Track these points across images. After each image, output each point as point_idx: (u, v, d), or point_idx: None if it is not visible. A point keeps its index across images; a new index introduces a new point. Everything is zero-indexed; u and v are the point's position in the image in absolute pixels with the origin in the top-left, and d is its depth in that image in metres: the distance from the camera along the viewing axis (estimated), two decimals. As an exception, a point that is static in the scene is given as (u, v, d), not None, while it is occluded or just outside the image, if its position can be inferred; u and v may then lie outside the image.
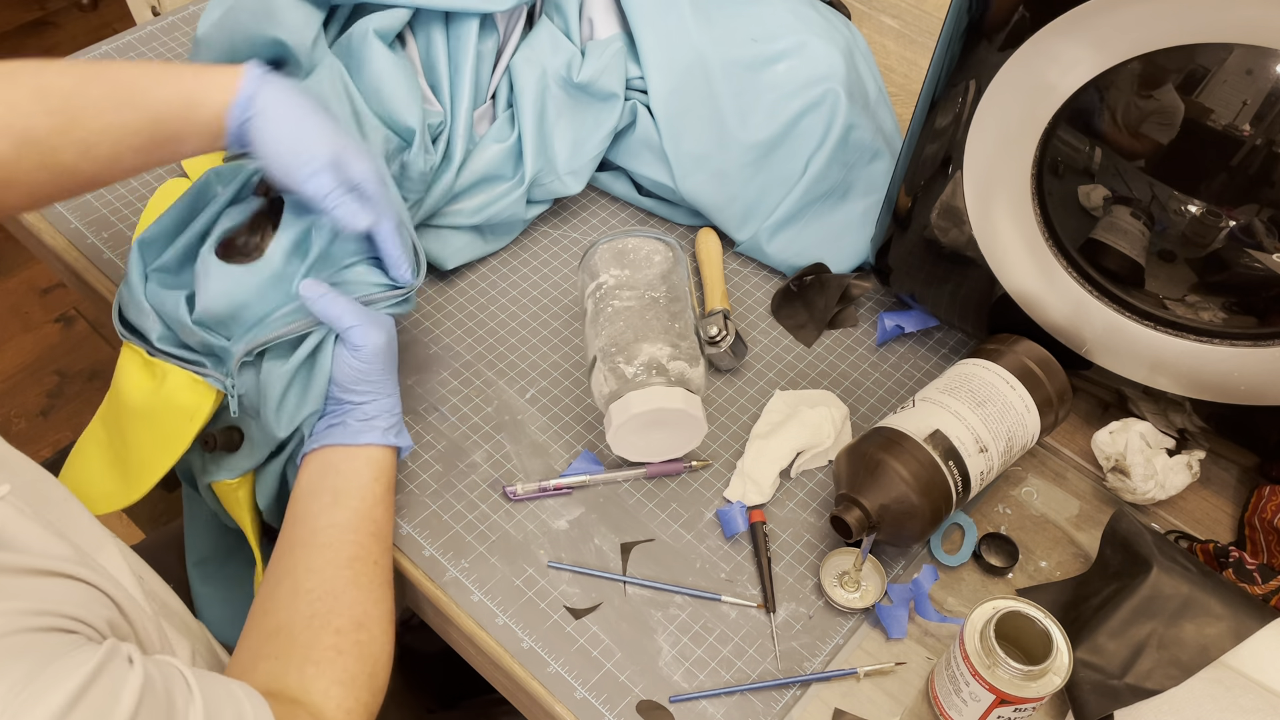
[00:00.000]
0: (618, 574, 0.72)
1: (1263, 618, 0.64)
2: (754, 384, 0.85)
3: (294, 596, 0.63)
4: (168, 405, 0.69)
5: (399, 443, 0.71)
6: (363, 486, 0.68)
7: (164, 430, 0.70)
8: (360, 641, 0.62)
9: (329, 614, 0.62)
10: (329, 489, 0.68)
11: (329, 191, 0.67)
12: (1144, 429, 0.76)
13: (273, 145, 0.67)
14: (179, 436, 0.69)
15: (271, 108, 0.67)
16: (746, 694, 0.67)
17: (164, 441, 0.70)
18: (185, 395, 0.69)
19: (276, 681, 0.59)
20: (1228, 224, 0.65)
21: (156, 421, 0.70)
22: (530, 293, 0.90)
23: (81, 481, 0.74)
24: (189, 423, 0.69)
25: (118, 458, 0.73)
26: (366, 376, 0.70)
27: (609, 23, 0.95)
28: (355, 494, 0.68)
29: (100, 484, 0.73)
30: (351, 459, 0.69)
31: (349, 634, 0.62)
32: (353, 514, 0.67)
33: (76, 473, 0.74)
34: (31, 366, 1.87)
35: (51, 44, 2.50)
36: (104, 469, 0.73)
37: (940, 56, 0.71)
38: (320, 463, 0.69)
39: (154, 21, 1.12)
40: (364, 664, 0.62)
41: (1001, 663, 0.60)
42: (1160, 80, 0.63)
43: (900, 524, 0.69)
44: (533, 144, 0.89)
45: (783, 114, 0.90)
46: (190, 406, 0.69)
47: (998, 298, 0.78)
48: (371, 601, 0.65)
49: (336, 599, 0.63)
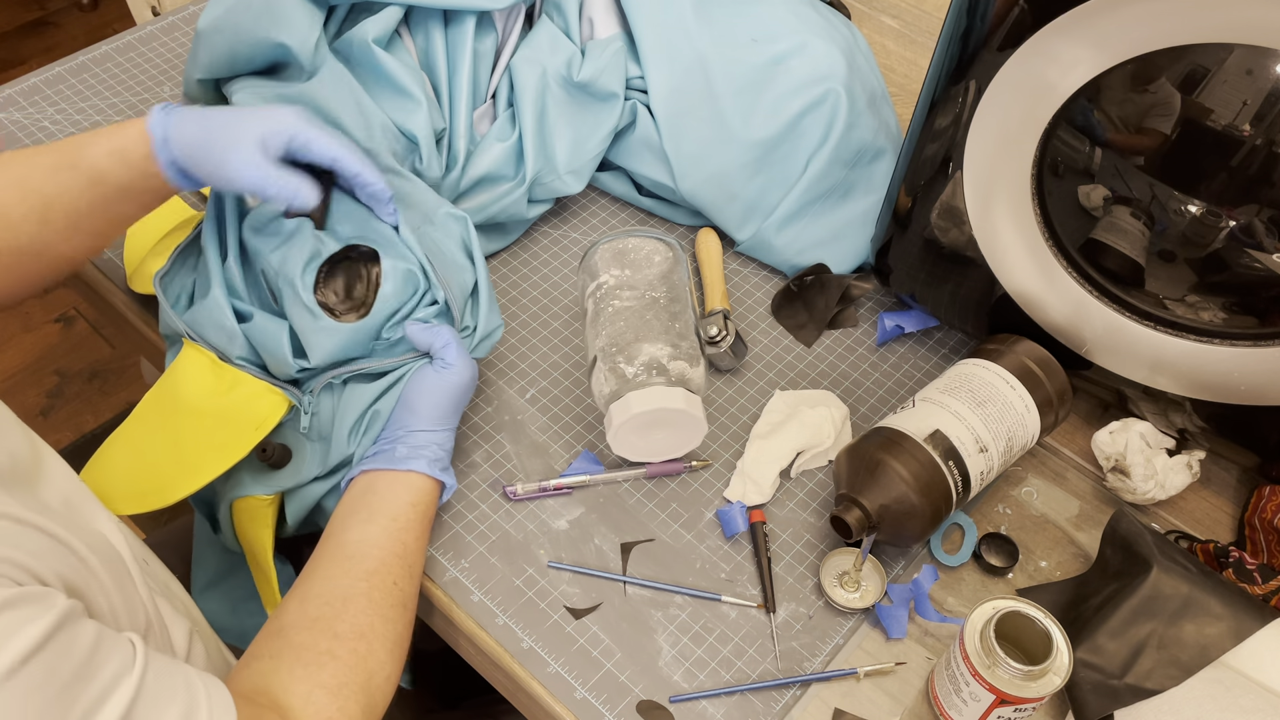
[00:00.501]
0: (618, 574, 0.72)
1: (1263, 618, 0.64)
2: (754, 384, 0.85)
3: (304, 601, 0.63)
4: (236, 411, 0.69)
5: (444, 478, 0.71)
6: (398, 508, 0.68)
7: (224, 434, 0.69)
8: (357, 651, 0.61)
9: (333, 618, 0.62)
10: (365, 506, 0.68)
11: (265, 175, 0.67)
12: (1144, 429, 0.76)
13: (203, 164, 0.68)
14: (240, 442, 0.69)
15: (178, 126, 0.68)
16: (746, 694, 0.67)
17: (223, 445, 0.69)
18: (257, 403, 0.69)
19: (264, 679, 0.58)
20: (1228, 224, 0.65)
21: (218, 425, 0.70)
22: (530, 293, 0.91)
23: (106, 481, 0.72)
24: (254, 431, 0.69)
25: (156, 459, 0.71)
26: (437, 403, 0.70)
27: (609, 22, 0.95)
28: (388, 514, 0.68)
29: (130, 484, 0.72)
30: (393, 483, 0.69)
31: (347, 640, 0.61)
32: (381, 531, 0.67)
33: (101, 472, 0.73)
34: (31, 366, 1.87)
35: (51, 44, 2.50)
36: (136, 469, 0.72)
37: (940, 56, 0.71)
38: (363, 485, 0.70)
39: (154, 21, 1.12)
40: (356, 674, 0.60)
41: (1001, 663, 0.60)
42: (1160, 80, 0.63)
43: (900, 524, 0.69)
44: (533, 144, 0.89)
45: (783, 114, 0.90)
46: (259, 416, 0.69)
47: (998, 298, 0.78)
48: (380, 618, 0.64)
49: (344, 605, 0.63)
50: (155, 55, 1.08)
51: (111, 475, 0.72)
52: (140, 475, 0.72)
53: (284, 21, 0.82)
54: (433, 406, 0.71)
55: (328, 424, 0.72)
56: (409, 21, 0.89)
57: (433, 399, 0.71)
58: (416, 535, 0.69)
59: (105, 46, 1.08)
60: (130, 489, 0.71)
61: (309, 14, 0.84)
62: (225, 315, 0.71)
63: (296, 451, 0.72)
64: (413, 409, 0.71)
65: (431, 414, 0.71)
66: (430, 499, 0.70)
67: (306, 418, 0.71)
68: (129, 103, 1.02)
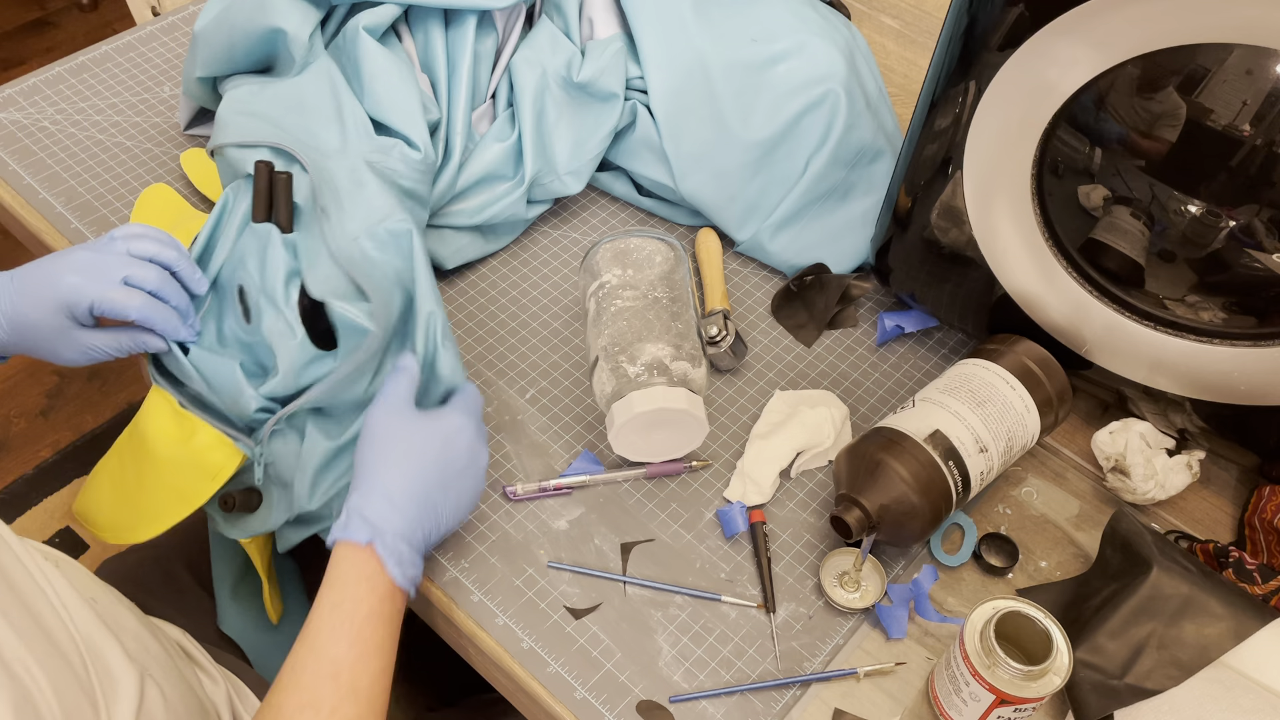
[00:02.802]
0: (618, 574, 0.72)
1: (1263, 618, 0.64)
2: (754, 384, 0.85)
3: None
4: (192, 460, 0.69)
5: (384, 556, 0.60)
6: (343, 601, 0.60)
7: (183, 483, 0.69)
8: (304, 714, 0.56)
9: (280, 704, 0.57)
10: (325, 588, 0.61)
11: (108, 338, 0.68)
12: (1144, 429, 0.76)
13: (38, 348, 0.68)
14: (197, 493, 0.68)
15: None
16: (746, 694, 0.67)
17: (181, 494, 0.69)
18: (212, 454, 0.69)
19: None
20: (1228, 224, 0.65)
21: (177, 472, 0.69)
22: (530, 293, 0.90)
23: (95, 509, 0.72)
24: (210, 482, 0.68)
25: (130, 494, 0.71)
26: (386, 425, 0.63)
27: (609, 22, 0.95)
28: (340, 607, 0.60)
29: (112, 514, 0.72)
30: (337, 559, 0.61)
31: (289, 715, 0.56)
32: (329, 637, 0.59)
33: (90, 500, 0.73)
34: (31, 366, 1.87)
35: (51, 44, 2.50)
36: (116, 501, 0.72)
37: (940, 56, 0.71)
38: None
39: (154, 21, 1.12)
40: None
41: (1001, 663, 0.60)
42: (1160, 80, 0.63)
43: (900, 524, 0.69)
44: (533, 144, 0.89)
45: (783, 114, 0.90)
46: (214, 467, 0.68)
47: (998, 298, 0.78)
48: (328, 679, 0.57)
49: None
50: (155, 55, 1.08)
51: (98, 504, 0.72)
52: (120, 508, 0.71)
53: (277, 12, 0.83)
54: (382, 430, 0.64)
55: (288, 471, 0.71)
56: (409, 21, 0.89)
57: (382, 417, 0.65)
58: (361, 646, 0.60)
59: (105, 46, 1.08)
60: (114, 520, 0.71)
61: (302, 9, 0.84)
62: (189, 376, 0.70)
63: (266, 498, 0.72)
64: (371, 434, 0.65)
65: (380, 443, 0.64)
66: (379, 597, 0.61)
67: (259, 469, 0.70)
68: (129, 103, 1.02)
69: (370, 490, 0.62)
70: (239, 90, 0.86)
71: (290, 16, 0.83)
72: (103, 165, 0.96)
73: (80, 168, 0.95)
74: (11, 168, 0.95)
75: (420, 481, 0.63)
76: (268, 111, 0.83)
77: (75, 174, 0.95)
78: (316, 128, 0.82)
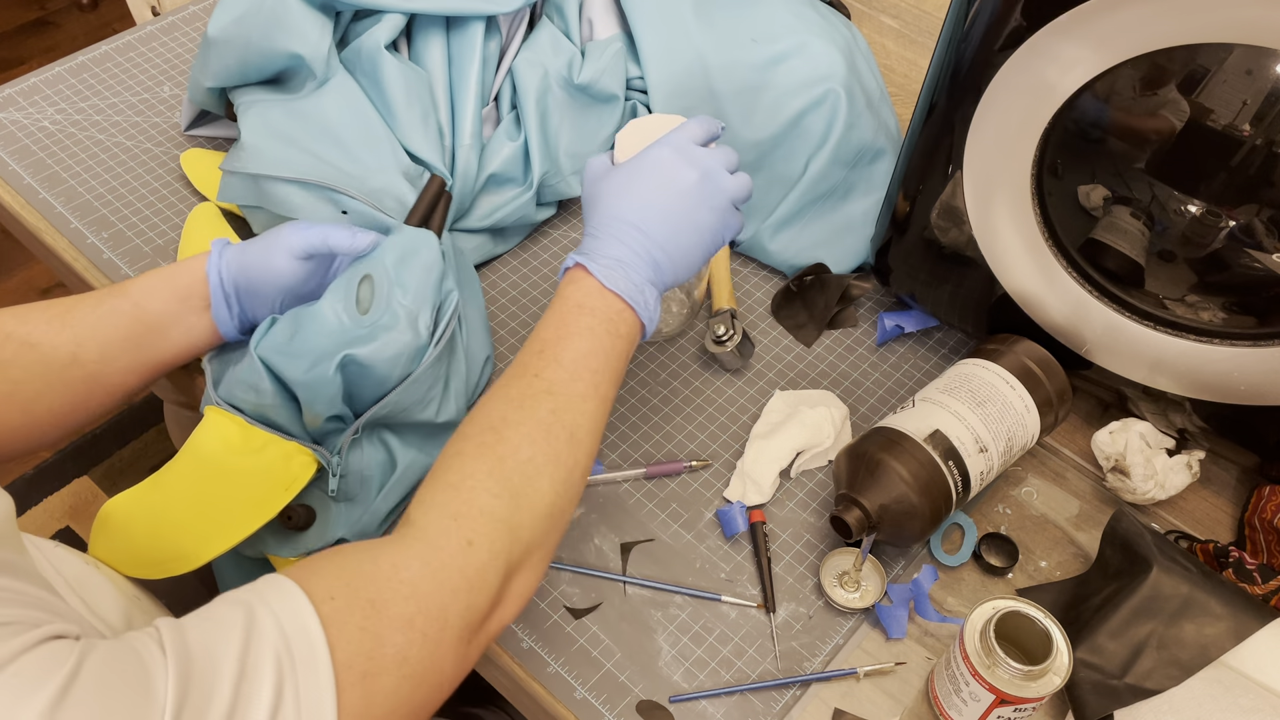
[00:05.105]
0: (618, 574, 0.72)
1: (1263, 618, 0.64)
2: (754, 384, 0.85)
3: None
4: (266, 470, 0.68)
5: None
6: None
7: (256, 493, 0.68)
8: (485, 443, 0.56)
9: (465, 423, 0.59)
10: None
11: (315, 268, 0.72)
12: (1144, 429, 0.76)
13: (258, 273, 0.72)
14: (271, 502, 0.68)
15: (236, 251, 0.72)
16: (746, 694, 0.67)
17: (255, 504, 0.68)
18: (288, 464, 0.69)
19: None
20: (1227, 224, 0.65)
21: (250, 483, 0.69)
22: (530, 293, 0.91)
23: (119, 548, 0.69)
24: (284, 492, 0.68)
25: (178, 524, 0.69)
26: None
27: (608, 23, 0.95)
28: None
29: (146, 550, 0.69)
30: None
31: (473, 438, 0.57)
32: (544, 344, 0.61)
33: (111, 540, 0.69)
34: (31, 366, 1.87)
35: (51, 44, 2.50)
36: (153, 535, 0.70)
37: (940, 56, 0.71)
38: None
39: (154, 21, 1.12)
40: (481, 462, 0.55)
41: (1001, 663, 0.60)
42: (1160, 81, 0.63)
43: (900, 524, 0.69)
44: (538, 146, 0.90)
45: (783, 114, 0.90)
46: (290, 476, 0.68)
47: (998, 298, 0.78)
48: (514, 407, 0.58)
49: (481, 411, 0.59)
50: (155, 55, 1.08)
51: (124, 541, 0.69)
52: (158, 542, 0.69)
53: (294, 32, 0.83)
54: None
55: (355, 486, 0.71)
56: (414, 26, 0.89)
57: None
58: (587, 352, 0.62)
59: (105, 46, 1.08)
60: (146, 556, 0.68)
61: (319, 23, 0.84)
62: (260, 376, 0.69)
63: (321, 513, 0.71)
64: None
65: None
66: None
67: (334, 479, 0.70)
68: (129, 103, 1.02)
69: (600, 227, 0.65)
70: (266, 111, 0.85)
71: (308, 36, 0.83)
72: (102, 165, 0.96)
73: (80, 168, 0.95)
74: (11, 168, 0.95)
75: (642, 208, 0.64)
76: (299, 137, 0.83)
77: (75, 174, 0.95)
78: (354, 156, 0.83)
